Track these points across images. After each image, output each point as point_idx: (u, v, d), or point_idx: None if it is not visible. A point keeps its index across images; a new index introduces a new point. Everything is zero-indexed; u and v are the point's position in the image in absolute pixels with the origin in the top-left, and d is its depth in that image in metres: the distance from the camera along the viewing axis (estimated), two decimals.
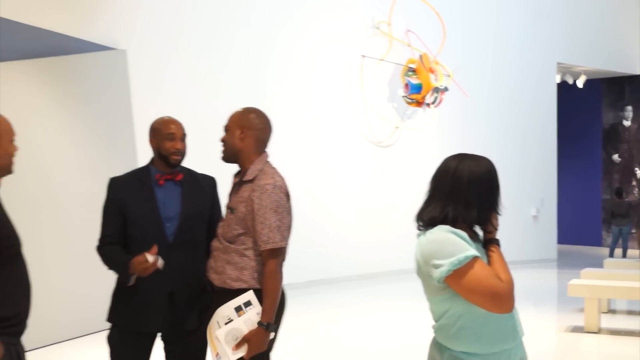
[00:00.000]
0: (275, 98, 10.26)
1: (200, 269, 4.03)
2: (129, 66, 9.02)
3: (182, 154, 4.03)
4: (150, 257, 3.72)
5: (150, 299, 3.90)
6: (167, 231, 3.94)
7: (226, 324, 3.69)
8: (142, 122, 8.82)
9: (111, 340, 4.00)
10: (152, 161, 4.08)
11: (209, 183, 4.22)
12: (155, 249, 3.76)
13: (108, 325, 4.05)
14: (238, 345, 3.68)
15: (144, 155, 8.33)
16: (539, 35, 14.74)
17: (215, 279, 3.85)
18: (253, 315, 3.67)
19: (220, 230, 3.92)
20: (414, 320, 8.10)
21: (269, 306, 3.66)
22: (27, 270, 3.39)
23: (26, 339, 3.44)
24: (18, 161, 3.46)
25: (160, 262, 3.75)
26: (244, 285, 3.73)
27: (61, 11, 8.28)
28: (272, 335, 3.71)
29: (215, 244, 3.94)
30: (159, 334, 4.05)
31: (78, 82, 8.25)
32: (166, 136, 3.99)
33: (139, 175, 4.05)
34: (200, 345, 4.08)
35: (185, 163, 4.13)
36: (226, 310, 3.71)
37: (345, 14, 12.01)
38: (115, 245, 3.97)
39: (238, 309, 3.68)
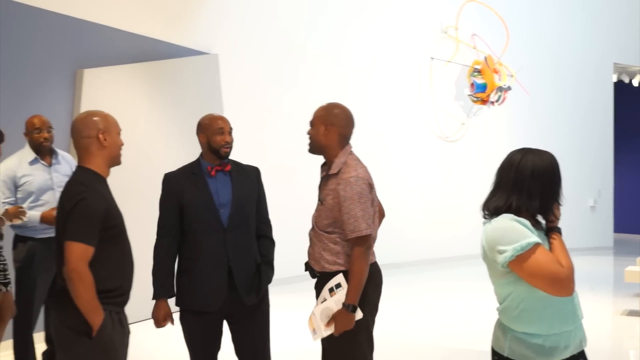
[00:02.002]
0: (350, 96, 10.22)
1: (253, 250, 4.10)
2: (220, 69, 9.14)
3: (230, 146, 4.08)
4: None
5: (210, 280, 3.94)
6: (222, 217, 3.97)
7: (322, 303, 3.77)
8: (232, 120, 8.92)
9: (182, 320, 4.05)
10: (202, 155, 4.11)
11: (254, 172, 4.23)
12: None
13: None
14: (329, 323, 3.74)
15: (233, 149, 8.45)
16: (596, 37, 14.38)
17: (315, 264, 3.90)
18: (342, 296, 3.71)
19: (314, 220, 3.95)
20: (480, 301, 8.02)
21: (352, 289, 3.68)
22: (130, 248, 3.49)
23: (130, 312, 3.53)
24: (124, 154, 3.56)
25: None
26: (340, 268, 3.77)
27: (160, 20, 8.43)
28: (358, 315, 3.70)
29: (311, 232, 3.98)
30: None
31: (175, 83, 8.37)
32: (216, 131, 4.03)
33: (191, 169, 4.08)
34: (263, 321, 4.14)
35: (276, 157, 4.17)
36: (323, 291, 3.79)
37: (415, 20, 11.93)
38: (169, 244, 4.00)
39: (331, 290, 3.75)
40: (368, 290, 3.79)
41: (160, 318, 3.94)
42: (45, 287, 5.49)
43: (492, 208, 2.92)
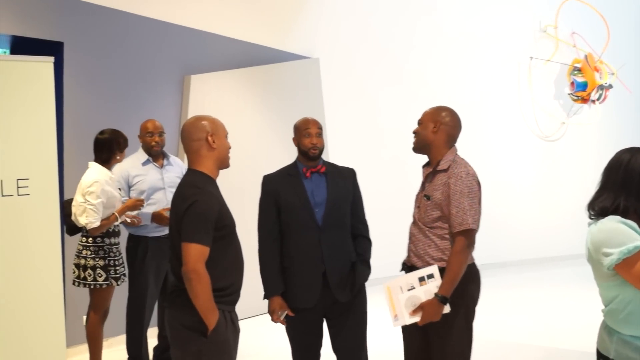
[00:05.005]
0: (451, 96, 10.11)
1: (348, 249, 4.12)
2: (321, 72, 9.19)
3: (318, 148, 4.10)
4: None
5: (305, 278, 4.00)
6: (317, 216, 4.02)
7: (408, 290, 3.72)
8: (332, 123, 9.00)
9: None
10: (298, 157, 4.19)
11: (350, 173, 4.26)
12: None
13: None
14: (415, 312, 3.70)
15: (332, 151, 8.49)
16: None
17: (417, 262, 3.85)
18: (433, 287, 3.66)
19: (417, 216, 3.92)
20: (582, 302, 7.78)
21: (448, 281, 3.64)
22: (240, 247, 3.52)
23: (240, 308, 3.58)
24: (232, 155, 3.61)
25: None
26: (446, 265, 3.71)
27: (263, 26, 8.53)
28: (446, 309, 3.65)
29: (413, 229, 3.94)
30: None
31: (277, 87, 8.45)
32: (304, 133, 4.10)
33: (287, 171, 4.17)
34: (359, 318, 4.15)
35: (377, 159, 4.17)
36: (411, 278, 3.74)
37: (514, 19, 11.67)
38: (273, 244, 4.05)
39: (421, 279, 3.70)
40: (469, 284, 3.76)
41: (277, 311, 3.99)
42: (157, 284, 5.64)
43: (598, 209, 2.80)
